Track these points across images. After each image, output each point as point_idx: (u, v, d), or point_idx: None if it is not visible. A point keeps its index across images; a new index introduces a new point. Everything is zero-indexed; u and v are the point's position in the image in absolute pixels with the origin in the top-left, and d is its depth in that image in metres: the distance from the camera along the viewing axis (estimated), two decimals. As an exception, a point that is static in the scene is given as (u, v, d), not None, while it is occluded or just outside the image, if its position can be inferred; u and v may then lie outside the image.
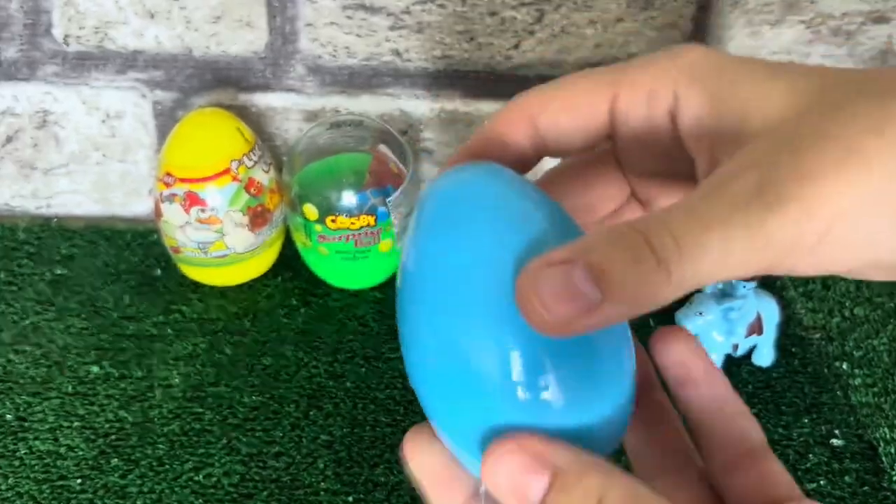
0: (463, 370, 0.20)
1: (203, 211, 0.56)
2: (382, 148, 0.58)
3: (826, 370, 0.56)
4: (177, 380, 0.54)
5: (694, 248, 0.19)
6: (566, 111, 0.23)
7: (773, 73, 0.21)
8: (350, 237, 0.57)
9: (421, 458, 0.23)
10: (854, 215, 0.19)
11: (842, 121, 0.19)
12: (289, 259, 0.63)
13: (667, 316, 0.55)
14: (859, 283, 0.64)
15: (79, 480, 0.48)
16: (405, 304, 0.22)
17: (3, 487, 0.47)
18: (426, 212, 0.22)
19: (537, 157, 0.24)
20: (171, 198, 0.56)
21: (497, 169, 0.23)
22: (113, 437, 0.50)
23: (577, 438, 0.20)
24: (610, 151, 0.25)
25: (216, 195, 0.56)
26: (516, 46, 0.62)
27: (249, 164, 0.57)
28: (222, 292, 0.61)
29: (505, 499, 0.20)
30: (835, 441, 0.52)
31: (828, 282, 0.64)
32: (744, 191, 0.19)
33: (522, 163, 0.24)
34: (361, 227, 0.57)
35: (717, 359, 0.55)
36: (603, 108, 0.23)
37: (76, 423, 0.51)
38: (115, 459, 0.49)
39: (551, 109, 0.23)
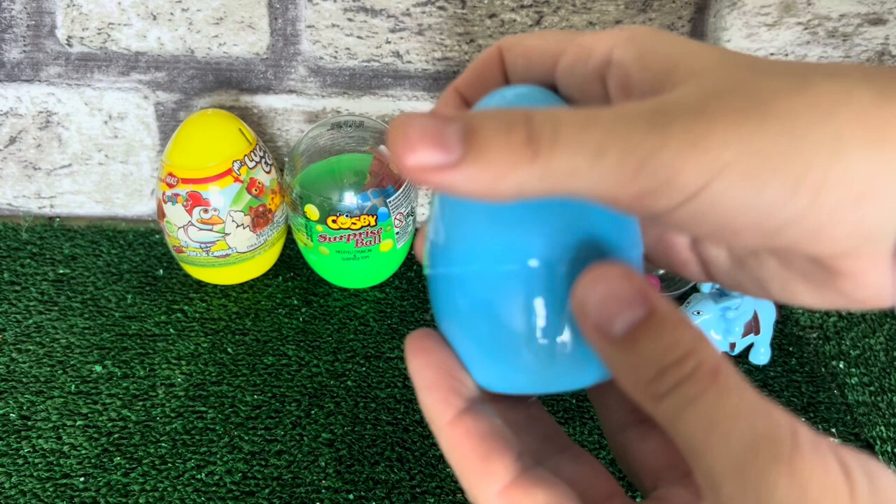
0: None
1: (205, 211, 0.56)
2: (383, 149, 0.58)
3: (823, 369, 0.57)
4: (179, 379, 0.54)
5: (568, 140, 0.18)
6: (523, 57, 0.25)
7: (710, 46, 0.21)
8: (351, 237, 0.57)
9: (421, 360, 0.22)
10: (742, 168, 0.18)
11: (759, 79, 0.19)
12: (290, 259, 0.63)
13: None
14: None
15: (82, 479, 0.48)
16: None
17: (7, 485, 0.48)
18: None
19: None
20: (173, 198, 0.56)
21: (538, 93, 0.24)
22: (116, 435, 0.50)
23: None
24: None
25: (218, 196, 0.56)
26: (516, 48, 0.62)
27: (251, 164, 0.58)
28: (224, 292, 0.61)
29: (588, 316, 0.19)
30: (831, 440, 0.52)
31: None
32: (637, 110, 0.18)
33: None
34: (362, 228, 0.57)
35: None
36: (550, 62, 0.24)
37: (79, 422, 0.51)
38: (118, 458, 0.49)
39: (514, 53, 0.25)
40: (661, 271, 0.64)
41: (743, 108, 0.18)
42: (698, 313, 0.54)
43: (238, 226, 0.58)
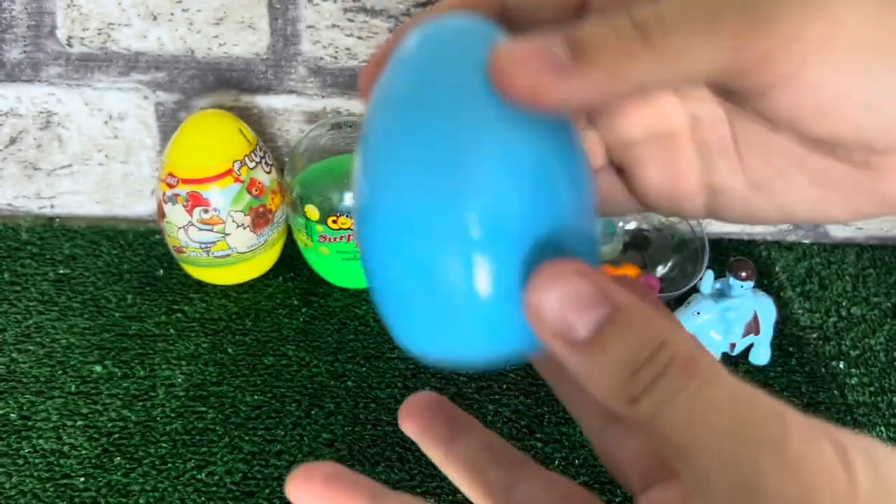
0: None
1: (206, 211, 0.56)
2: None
3: (823, 369, 0.57)
4: (179, 379, 0.54)
5: (678, 19, 0.17)
6: None
7: None
8: (351, 237, 0.57)
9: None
10: (855, 40, 0.18)
11: None
12: (290, 259, 0.63)
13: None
14: (856, 283, 0.64)
15: (82, 479, 0.48)
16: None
17: (7, 486, 0.48)
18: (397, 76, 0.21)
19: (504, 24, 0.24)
20: (174, 198, 0.57)
21: (475, 26, 0.21)
22: (116, 435, 0.51)
23: None
24: None
25: (218, 196, 0.56)
26: (516, 48, 0.62)
27: (251, 165, 0.58)
28: (224, 292, 0.61)
29: (546, 323, 0.18)
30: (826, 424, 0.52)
31: (825, 281, 0.64)
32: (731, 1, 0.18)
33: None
34: (362, 228, 0.57)
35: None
36: None
37: (79, 422, 0.51)
38: (118, 458, 0.49)
39: None
40: (661, 272, 0.64)
41: (811, 14, 0.18)
42: (698, 314, 0.54)
43: (238, 226, 0.58)
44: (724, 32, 0.17)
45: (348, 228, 0.57)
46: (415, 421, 0.24)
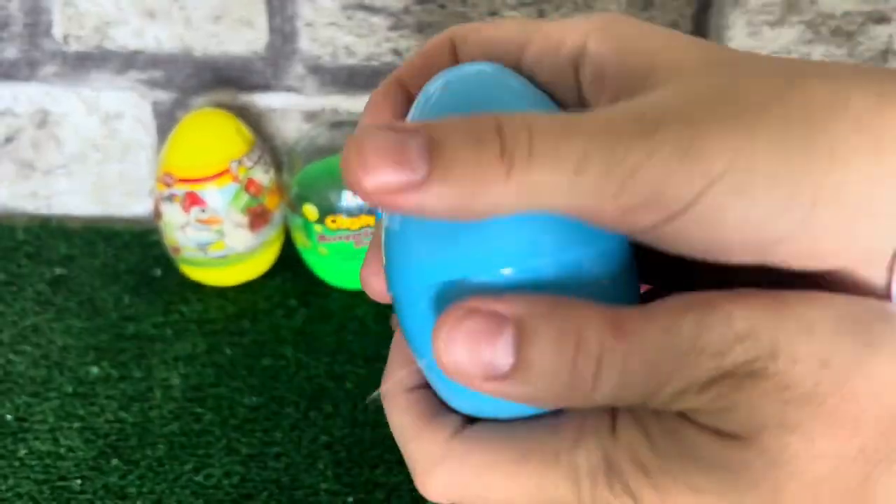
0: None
1: (203, 211, 0.56)
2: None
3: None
4: (176, 380, 0.54)
5: (546, 152, 0.16)
6: (480, 47, 0.23)
7: (692, 39, 0.20)
8: (350, 237, 0.57)
9: (396, 414, 0.21)
10: (734, 181, 0.16)
11: (748, 81, 0.17)
12: (288, 259, 0.63)
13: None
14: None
15: (79, 481, 0.48)
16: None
17: (3, 488, 0.47)
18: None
19: None
20: (170, 198, 0.56)
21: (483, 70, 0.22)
22: (113, 437, 0.50)
23: None
24: None
25: (216, 195, 0.56)
26: (516, 46, 0.61)
27: (249, 164, 0.57)
28: (222, 293, 0.61)
29: (471, 380, 0.17)
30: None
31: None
32: (620, 117, 0.17)
33: None
34: (361, 228, 0.57)
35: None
36: (514, 52, 0.22)
37: (76, 424, 0.51)
38: (115, 460, 0.49)
39: (469, 43, 0.23)
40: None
41: (734, 114, 0.17)
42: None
43: (236, 226, 0.57)
44: (589, 181, 0.16)
45: (346, 228, 0.57)
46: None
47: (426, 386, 0.22)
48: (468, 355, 0.17)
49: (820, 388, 0.17)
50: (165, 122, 0.65)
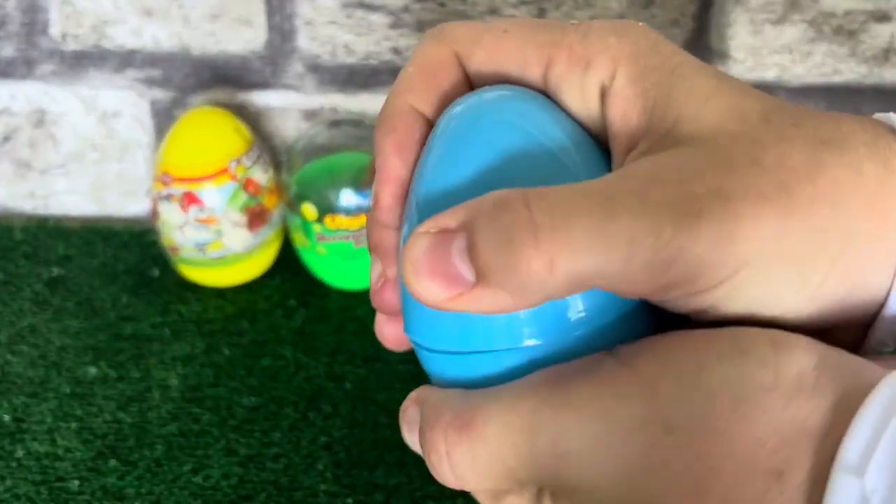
0: None
1: (201, 210, 0.56)
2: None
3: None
4: (175, 381, 0.54)
5: (591, 240, 0.17)
6: (494, 61, 0.22)
7: (718, 83, 0.20)
8: (349, 237, 0.57)
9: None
10: (763, 264, 0.18)
11: (777, 153, 0.18)
12: (287, 259, 0.63)
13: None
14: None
15: (76, 482, 0.48)
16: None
17: (1, 489, 0.47)
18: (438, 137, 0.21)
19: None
20: (168, 197, 0.56)
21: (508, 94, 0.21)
22: (111, 438, 0.50)
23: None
24: None
25: (214, 195, 0.56)
26: (516, 45, 0.61)
27: (248, 163, 0.57)
28: (220, 293, 0.61)
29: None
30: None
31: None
32: (662, 193, 0.17)
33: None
34: (361, 227, 0.56)
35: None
36: (536, 70, 0.21)
37: (74, 425, 0.51)
38: (113, 461, 0.49)
39: (478, 56, 0.22)
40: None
41: (766, 195, 0.17)
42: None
43: (234, 225, 0.57)
44: (636, 266, 0.17)
45: (346, 228, 0.57)
46: None
47: None
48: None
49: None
50: (163, 121, 0.65)
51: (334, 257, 0.58)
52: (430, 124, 0.22)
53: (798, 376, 0.17)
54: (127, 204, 0.69)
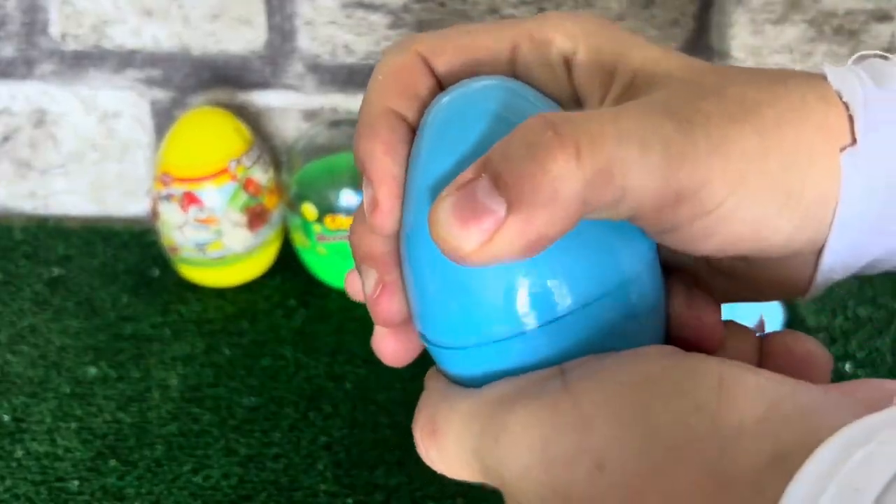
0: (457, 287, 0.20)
1: (201, 210, 0.56)
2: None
3: (829, 371, 0.56)
4: (175, 381, 0.54)
5: (609, 133, 0.17)
6: (463, 57, 0.22)
7: (666, 49, 0.21)
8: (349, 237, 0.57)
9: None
10: (754, 183, 0.19)
11: (735, 90, 0.20)
12: (287, 259, 0.63)
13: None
14: (862, 284, 0.64)
15: (76, 482, 0.47)
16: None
17: (1, 489, 0.47)
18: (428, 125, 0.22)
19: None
20: (168, 197, 0.56)
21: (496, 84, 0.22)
22: (111, 438, 0.50)
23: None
24: None
25: (214, 195, 0.56)
26: (516, 45, 0.61)
27: (248, 163, 0.57)
28: (220, 293, 0.61)
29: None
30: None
31: (830, 282, 0.64)
32: (654, 106, 0.19)
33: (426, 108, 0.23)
34: (361, 227, 0.56)
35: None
36: (504, 56, 0.22)
37: (73, 425, 0.51)
38: (113, 461, 0.49)
39: (446, 55, 0.22)
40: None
41: (737, 117, 0.19)
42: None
43: (234, 225, 0.57)
44: (654, 159, 0.18)
45: (346, 228, 0.56)
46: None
47: None
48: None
49: None
50: (163, 121, 0.65)
51: (334, 257, 0.58)
52: (410, 125, 0.22)
53: (738, 426, 0.17)
54: (127, 204, 0.69)
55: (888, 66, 0.21)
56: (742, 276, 0.23)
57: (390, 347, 0.23)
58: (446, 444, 0.20)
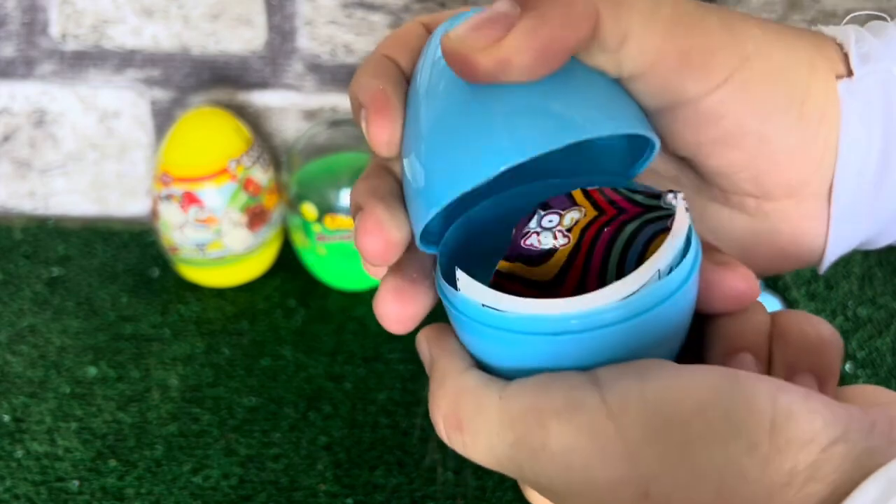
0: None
1: (201, 210, 0.56)
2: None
3: (828, 371, 0.56)
4: (174, 381, 0.54)
5: None
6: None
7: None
8: (349, 237, 0.57)
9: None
10: (760, 62, 0.20)
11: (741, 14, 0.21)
12: (287, 259, 0.63)
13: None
14: (863, 284, 0.64)
15: (76, 482, 0.47)
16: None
17: (1, 489, 0.47)
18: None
19: None
20: (168, 197, 0.56)
21: None
22: (111, 438, 0.50)
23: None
24: None
25: (214, 195, 0.56)
26: (516, 45, 0.61)
27: (248, 163, 0.57)
28: (220, 293, 0.61)
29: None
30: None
31: (831, 282, 0.64)
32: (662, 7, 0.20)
33: None
34: (361, 227, 0.56)
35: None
36: None
37: (73, 425, 0.51)
38: (113, 461, 0.49)
39: (446, 16, 0.23)
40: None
41: (745, 17, 0.21)
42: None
43: (234, 225, 0.57)
44: (664, 17, 0.19)
45: (345, 228, 0.56)
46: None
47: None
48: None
49: None
50: (163, 120, 0.65)
51: (334, 257, 0.58)
52: (404, 72, 0.23)
53: (789, 471, 0.16)
54: (127, 204, 0.69)
55: (888, 26, 0.23)
56: (757, 234, 0.23)
57: (394, 310, 0.22)
58: (475, 443, 0.20)
